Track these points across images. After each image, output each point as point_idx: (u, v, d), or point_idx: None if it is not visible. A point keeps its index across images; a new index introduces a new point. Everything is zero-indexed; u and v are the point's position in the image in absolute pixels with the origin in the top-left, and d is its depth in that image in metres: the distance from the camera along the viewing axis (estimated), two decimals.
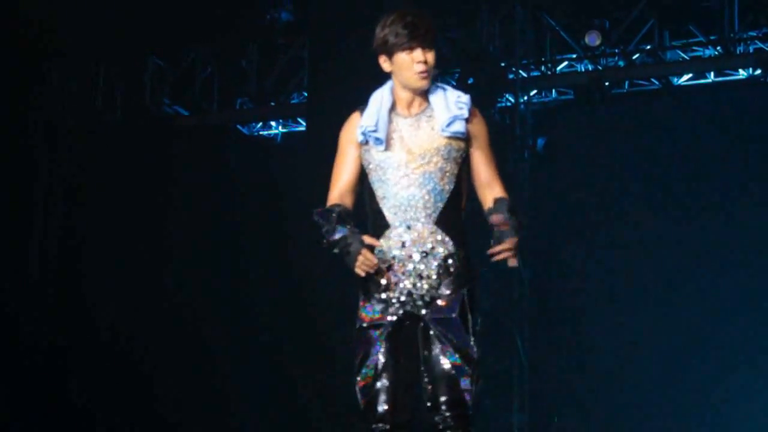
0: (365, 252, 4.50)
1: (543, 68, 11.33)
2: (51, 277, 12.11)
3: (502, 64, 11.15)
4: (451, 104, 4.61)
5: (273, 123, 12.81)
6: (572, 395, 10.72)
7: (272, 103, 12.27)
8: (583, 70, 11.26)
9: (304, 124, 12.21)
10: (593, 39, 10.74)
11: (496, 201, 4.66)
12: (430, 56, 4.58)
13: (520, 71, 11.15)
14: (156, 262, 11.91)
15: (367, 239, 4.55)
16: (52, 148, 12.36)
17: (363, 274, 4.53)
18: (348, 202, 4.71)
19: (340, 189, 4.71)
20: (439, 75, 4.77)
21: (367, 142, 4.64)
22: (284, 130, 12.81)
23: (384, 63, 4.68)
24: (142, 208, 11.91)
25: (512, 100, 11.15)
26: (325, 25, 11.17)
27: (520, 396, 10.47)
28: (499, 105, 11.10)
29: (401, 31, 4.56)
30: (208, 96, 12.41)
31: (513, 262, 4.58)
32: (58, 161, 12.31)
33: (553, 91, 11.60)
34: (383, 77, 4.75)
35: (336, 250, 4.56)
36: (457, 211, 4.62)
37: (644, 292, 10.74)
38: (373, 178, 4.64)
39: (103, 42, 12.03)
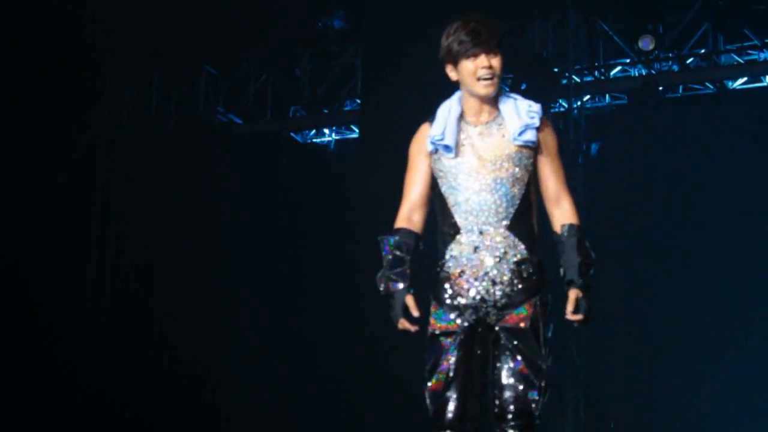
0: (402, 322, 4.62)
1: (596, 73, 11.30)
2: (108, 287, 12.29)
3: (555, 70, 11.12)
4: (522, 113, 4.60)
5: (326, 130, 12.85)
6: (629, 401, 10.63)
7: (325, 111, 12.30)
8: (636, 74, 11.23)
9: (357, 131, 12.26)
10: (647, 43, 10.68)
11: (566, 233, 4.66)
12: (495, 61, 4.56)
13: (574, 76, 11.11)
14: (211, 269, 11.97)
15: (410, 302, 4.61)
16: (108, 159, 12.50)
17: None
18: (418, 216, 4.75)
19: (411, 203, 4.75)
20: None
21: (437, 151, 4.65)
22: (338, 137, 12.84)
23: (450, 72, 4.65)
24: (197, 216, 11.98)
25: (566, 106, 11.12)
26: (378, 32, 11.19)
27: (575, 402, 10.42)
28: (552, 110, 11.07)
29: (464, 38, 4.55)
30: (261, 104, 12.48)
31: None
32: (114, 172, 12.45)
33: (607, 96, 11.55)
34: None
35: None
36: (528, 218, 4.61)
37: (704, 294, 10.60)
38: (444, 185, 4.65)
39: (157, 52, 12.14)
